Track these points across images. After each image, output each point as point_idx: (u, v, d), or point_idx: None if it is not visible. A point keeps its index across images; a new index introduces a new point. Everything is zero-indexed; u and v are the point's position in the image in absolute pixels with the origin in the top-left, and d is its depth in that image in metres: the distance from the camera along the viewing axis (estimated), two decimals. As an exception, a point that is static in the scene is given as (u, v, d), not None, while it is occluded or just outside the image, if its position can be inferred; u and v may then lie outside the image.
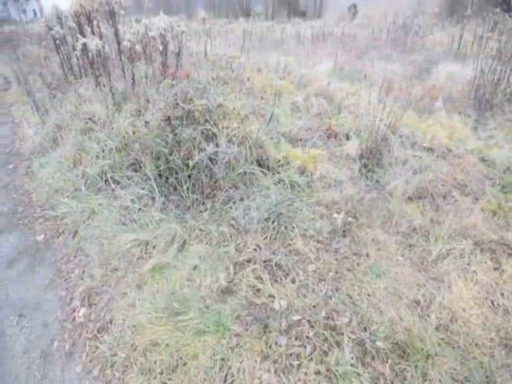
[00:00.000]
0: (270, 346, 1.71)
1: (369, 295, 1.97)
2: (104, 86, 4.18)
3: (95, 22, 5.00)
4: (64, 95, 4.93)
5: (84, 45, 3.96)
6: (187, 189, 2.80)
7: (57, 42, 5.34)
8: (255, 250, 2.32)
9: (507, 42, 4.71)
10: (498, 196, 2.82)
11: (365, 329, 1.78)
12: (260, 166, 3.07)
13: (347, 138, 3.74)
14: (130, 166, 3.13)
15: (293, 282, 2.08)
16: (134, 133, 3.19)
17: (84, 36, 4.50)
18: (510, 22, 7.83)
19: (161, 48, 4.06)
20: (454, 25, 11.76)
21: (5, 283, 2.38)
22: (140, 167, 3.05)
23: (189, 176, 2.85)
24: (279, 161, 3.19)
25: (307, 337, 1.75)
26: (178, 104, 3.08)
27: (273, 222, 2.50)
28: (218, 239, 2.43)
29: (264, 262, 2.22)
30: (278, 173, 3.06)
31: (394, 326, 1.76)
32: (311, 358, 1.65)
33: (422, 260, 2.22)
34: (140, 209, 2.77)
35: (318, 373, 1.61)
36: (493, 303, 1.92)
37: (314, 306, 1.91)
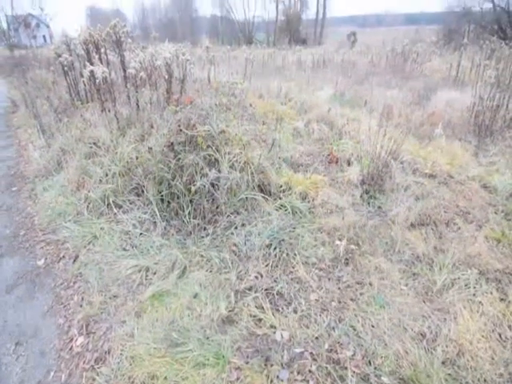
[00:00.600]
0: (272, 381, 1.65)
1: (373, 326, 1.92)
2: (109, 112, 4.27)
3: (103, 50, 5.17)
4: (70, 119, 5.02)
5: (91, 72, 4.08)
6: (189, 214, 2.80)
7: (65, 68, 5.50)
8: (256, 277, 2.29)
9: (505, 69, 4.82)
10: (502, 223, 2.80)
11: (369, 363, 1.72)
12: (262, 191, 3.08)
13: (348, 164, 3.77)
14: (132, 191, 3.15)
15: (295, 311, 2.04)
16: (137, 158, 3.23)
17: (92, 63, 4.64)
18: (507, 49, 8.06)
19: (166, 76, 4.17)
20: (452, 52, 12.11)
21: (3, 309, 2.34)
22: (142, 192, 3.07)
23: (190, 201, 2.86)
24: (281, 186, 3.21)
25: (310, 371, 1.69)
26: (181, 130, 3.13)
27: (274, 248, 2.49)
28: (219, 266, 2.41)
29: (265, 290, 2.19)
30: (280, 198, 3.07)
31: (400, 360, 1.71)
32: (314, 394, 1.60)
33: (426, 290, 2.18)
34: (141, 233, 2.76)
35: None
36: (500, 336, 1.86)
37: (316, 338, 1.86)
